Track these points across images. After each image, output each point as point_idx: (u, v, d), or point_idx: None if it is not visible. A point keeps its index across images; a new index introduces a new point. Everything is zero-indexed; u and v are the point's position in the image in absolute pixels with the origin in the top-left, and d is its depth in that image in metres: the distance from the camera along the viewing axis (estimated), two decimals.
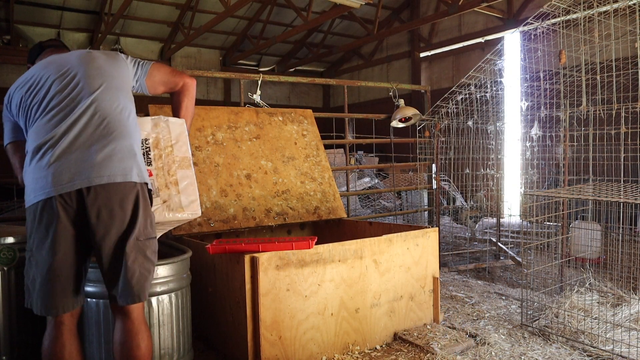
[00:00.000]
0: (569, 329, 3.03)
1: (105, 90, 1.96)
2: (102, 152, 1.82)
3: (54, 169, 1.78)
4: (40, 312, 1.83)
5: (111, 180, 1.80)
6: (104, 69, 2.02)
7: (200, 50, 12.28)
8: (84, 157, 1.80)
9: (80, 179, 1.77)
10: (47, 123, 1.86)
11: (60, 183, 1.76)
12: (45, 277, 1.80)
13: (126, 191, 1.83)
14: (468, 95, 4.91)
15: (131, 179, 1.85)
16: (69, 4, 9.47)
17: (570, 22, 3.53)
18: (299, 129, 4.07)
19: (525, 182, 4.33)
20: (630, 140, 3.52)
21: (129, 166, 1.86)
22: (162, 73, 2.22)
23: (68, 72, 1.97)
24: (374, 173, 9.46)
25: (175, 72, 2.27)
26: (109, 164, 1.81)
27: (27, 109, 1.95)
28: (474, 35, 10.14)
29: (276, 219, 3.56)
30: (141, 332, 1.89)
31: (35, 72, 2.01)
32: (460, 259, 5.33)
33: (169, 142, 2.17)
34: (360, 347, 2.84)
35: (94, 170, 1.78)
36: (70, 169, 1.78)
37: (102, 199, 1.78)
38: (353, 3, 7.33)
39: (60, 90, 1.92)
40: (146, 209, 1.91)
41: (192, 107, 2.35)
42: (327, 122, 6.10)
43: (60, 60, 2.04)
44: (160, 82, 2.23)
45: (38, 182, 1.80)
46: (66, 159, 1.79)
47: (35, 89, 1.96)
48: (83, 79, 1.95)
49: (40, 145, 1.83)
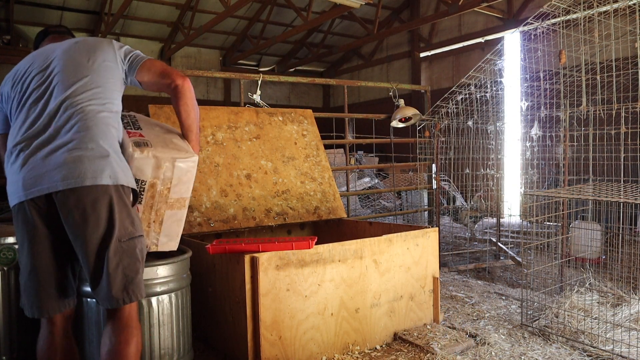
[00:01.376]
0: (569, 329, 3.03)
1: (81, 88, 1.85)
2: (71, 153, 1.74)
3: (24, 173, 1.74)
4: (28, 314, 1.82)
5: (79, 184, 1.71)
6: (83, 63, 1.90)
7: (200, 50, 12.28)
8: (52, 160, 1.74)
9: (48, 183, 1.71)
10: (22, 121, 1.83)
11: (29, 187, 1.72)
12: (28, 280, 1.79)
13: (97, 194, 1.74)
14: (468, 95, 4.91)
15: (101, 182, 1.74)
16: (69, 4, 9.47)
17: (570, 22, 3.53)
18: (299, 129, 4.07)
19: (525, 182, 4.33)
20: (630, 140, 3.52)
21: (100, 168, 1.76)
22: (151, 74, 2.04)
23: (48, 66, 1.89)
24: (374, 173, 9.46)
25: (164, 74, 2.04)
26: (78, 167, 1.73)
27: (10, 102, 1.91)
28: (474, 35, 10.14)
29: (276, 219, 3.56)
30: (131, 327, 1.82)
31: (27, 62, 1.95)
32: (460, 259, 5.33)
33: (168, 184, 2.03)
34: (360, 347, 2.83)
35: (61, 173, 1.71)
36: (38, 172, 1.73)
37: (72, 202, 1.71)
38: (353, 3, 7.33)
39: (37, 87, 1.86)
40: (124, 209, 1.81)
41: (193, 110, 2.12)
42: (327, 122, 6.09)
43: (48, 51, 1.96)
44: (149, 83, 2.07)
45: (12, 185, 1.77)
46: (35, 163, 1.74)
47: (19, 83, 1.90)
48: (59, 75, 1.86)
49: (13, 147, 1.81)
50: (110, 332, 1.82)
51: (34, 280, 1.79)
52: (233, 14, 9.03)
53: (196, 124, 2.17)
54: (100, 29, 9.90)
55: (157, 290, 2.31)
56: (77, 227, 1.74)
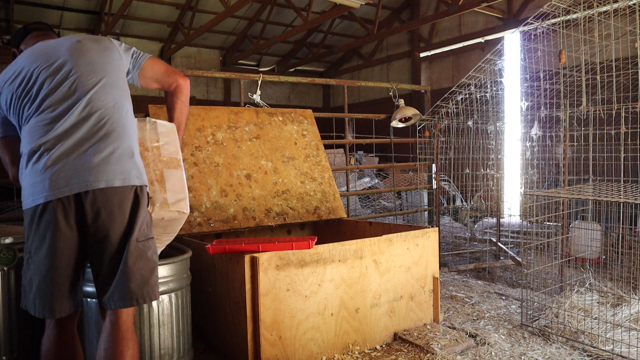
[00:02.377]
0: (569, 329, 3.03)
1: (102, 89, 1.89)
2: (100, 154, 1.78)
3: (50, 173, 1.74)
4: (38, 315, 1.81)
5: (109, 184, 1.76)
6: (98, 63, 1.94)
7: (200, 50, 12.28)
8: (81, 160, 1.76)
9: (78, 183, 1.74)
10: (42, 124, 1.81)
11: (58, 187, 1.73)
12: (43, 280, 1.79)
13: (125, 193, 1.80)
14: (468, 95, 4.91)
15: (130, 182, 1.81)
16: (69, 4, 9.47)
17: (570, 22, 3.53)
18: (299, 129, 4.07)
19: (525, 182, 4.33)
20: (630, 140, 3.52)
21: (128, 168, 1.82)
22: (155, 70, 2.14)
23: (60, 67, 1.89)
24: (374, 173, 9.47)
25: (169, 72, 2.17)
26: (107, 167, 1.77)
27: (19, 108, 1.89)
28: (474, 35, 10.14)
29: (276, 219, 3.56)
30: (127, 339, 1.83)
31: (24, 63, 1.93)
32: (460, 259, 5.33)
33: (156, 142, 2.13)
34: (360, 347, 2.84)
35: (92, 173, 1.75)
36: (67, 172, 1.74)
37: (101, 201, 1.75)
38: (353, 3, 7.33)
39: (53, 88, 1.85)
40: (145, 210, 1.88)
41: (186, 109, 2.27)
42: (327, 122, 6.10)
43: (48, 51, 1.95)
44: (152, 79, 2.16)
45: (35, 186, 1.77)
46: (63, 163, 1.75)
47: (26, 86, 1.88)
48: (77, 76, 1.87)
49: (35, 148, 1.79)
50: (106, 341, 1.82)
51: (50, 279, 1.78)
52: (233, 14, 9.03)
53: (184, 123, 2.31)
54: (100, 29, 9.90)
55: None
56: (104, 227, 1.77)
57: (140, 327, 2.28)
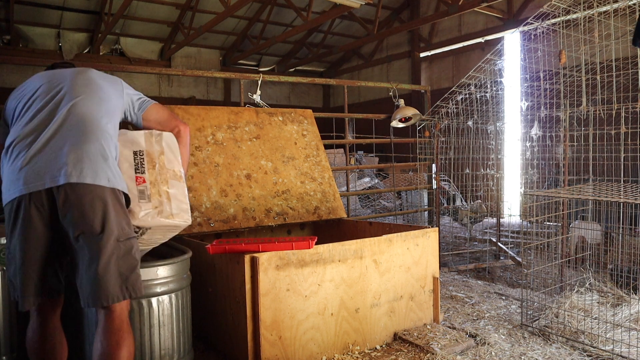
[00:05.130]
0: (569, 329, 3.03)
1: (88, 97, 2.01)
2: (74, 153, 1.84)
3: (26, 170, 1.82)
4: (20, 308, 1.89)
5: (80, 180, 1.81)
6: (94, 81, 2.09)
7: (200, 50, 12.27)
8: (55, 157, 1.83)
9: (50, 178, 1.80)
10: (25, 123, 1.92)
11: (31, 182, 1.80)
12: (19, 272, 1.86)
13: (97, 192, 1.83)
14: (468, 95, 4.91)
15: (100, 182, 1.85)
16: (69, 4, 9.47)
17: (570, 22, 3.53)
18: (299, 129, 4.07)
19: (525, 182, 4.33)
20: (630, 140, 3.52)
21: (101, 169, 1.87)
22: (160, 115, 2.32)
23: (58, 82, 2.04)
24: (374, 173, 9.47)
25: (171, 118, 2.35)
26: (78, 164, 1.82)
27: (12, 112, 2.03)
28: (474, 35, 10.14)
29: (276, 219, 3.56)
30: (122, 331, 1.87)
31: (33, 81, 2.08)
32: (460, 259, 5.33)
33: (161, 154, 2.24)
34: (360, 347, 2.84)
35: (63, 169, 1.80)
36: (40, 168, 1.81)
37: (72, 198, 1.80)
38: (353, 3, 7.33)
39: (42, 95, 1.98)
40: (121, 210, 1.91)
41: (187, 152, 2.42)
42: (327, 122, 6.10)
43: (56, 74, 2.11)
44: (156, 121, 2.31)
45: (13, 182, 1.84)
46: (38, 159, 1.83)
47: (24, 95, 2.03)
48: (68, 88, 2.01)
49: (14, 143, 1.89)
50: (101, 336, 1.86)
51: (22, 273, 1.85)
52: (233, 14, 9.03)
53: (187, 163, 2.47)
54: (100, 29, 9.90)
55: (158, 291, 2.31)
56: (76, 224, 1.81)
57: (141, 328, 2.28)
